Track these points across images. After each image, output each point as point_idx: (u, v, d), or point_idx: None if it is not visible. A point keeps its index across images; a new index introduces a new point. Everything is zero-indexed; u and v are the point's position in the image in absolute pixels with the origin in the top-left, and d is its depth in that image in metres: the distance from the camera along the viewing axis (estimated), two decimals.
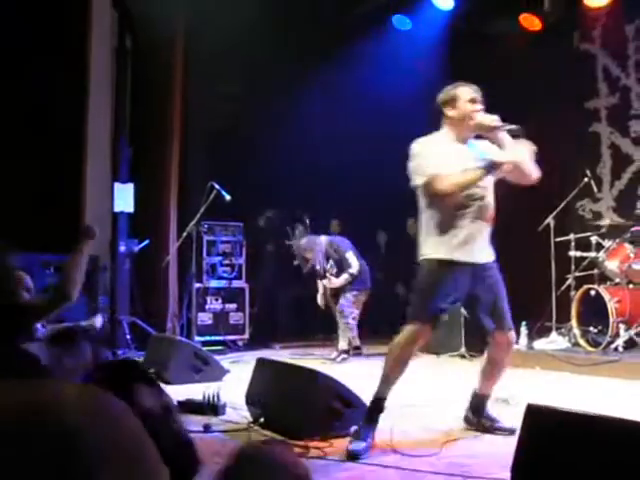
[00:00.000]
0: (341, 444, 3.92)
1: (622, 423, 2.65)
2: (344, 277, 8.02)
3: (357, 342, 8.22)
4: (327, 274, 8.13)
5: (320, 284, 8.30)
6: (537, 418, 2.82)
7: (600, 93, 9.34)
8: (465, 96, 4.33)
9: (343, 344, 8.02)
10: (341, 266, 8.06)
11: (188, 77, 8.98)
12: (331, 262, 8.13)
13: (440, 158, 4.13)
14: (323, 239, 8.25)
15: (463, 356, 8.14)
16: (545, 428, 2.78)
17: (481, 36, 9.23)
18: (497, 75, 9.11)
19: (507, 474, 2.81)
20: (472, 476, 3.39)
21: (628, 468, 2.42)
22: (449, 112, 4.34)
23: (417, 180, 4.23)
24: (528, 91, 9.07)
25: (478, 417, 4.53)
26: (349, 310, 8.05)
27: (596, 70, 9.36)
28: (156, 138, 8.91)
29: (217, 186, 7.88)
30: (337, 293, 8.18)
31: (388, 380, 4.17)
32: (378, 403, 4.09)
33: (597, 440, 2.58)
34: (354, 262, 8.02)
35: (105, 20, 8.56)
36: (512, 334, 4.52)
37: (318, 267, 8.15)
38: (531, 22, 8.92)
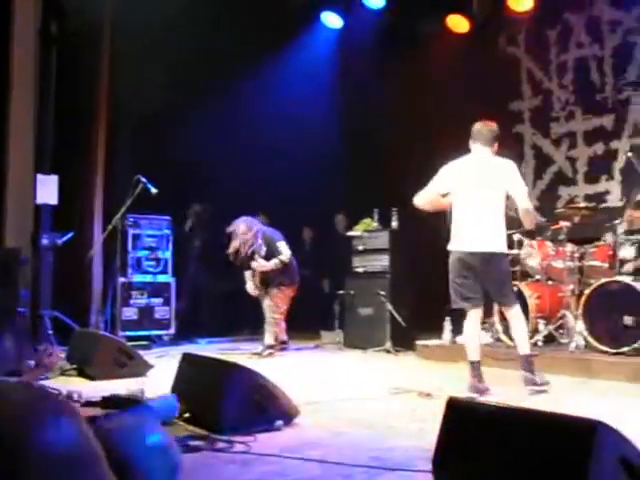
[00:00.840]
0: (265, 438, 3.92)
1: (537, 415, 2.74)
2: (274, 262, 7.96)
3: (284, 337, 8.23)
4: (256, 256, 8.01)
5: (248, 273, 8.21)
6: (457, 411, 2.88)
7: (524, 95, 9.59)
8: None
9: (269, 339, 8.02)
10: (272, 255, 8.02)
11: (115, 67, 8.81)
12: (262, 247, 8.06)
13: None
14: (258, 222, 8.21)
15: (388, 351, 8.24)
16: (465, 421, 2.85)
17: (411, 36, 9.33)
18: (426, 75, 9.27)
19: (429, 466, 2.87)
20: (394, 468, 3.43)
21: (541, 457, 2.50)
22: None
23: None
24: (455, 91, 9.23)
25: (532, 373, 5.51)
26: (277, 305, 8.03)
27: (520, 73, 9.61)
28: (82, 129, 8.71)
29: (144, 179, 7.76)
30: (265, 283, 8.11)
31: None
32: None
33: (514, 431, 2.66)
34: (285, 250, 8.01)
35: (29, 4, 8.31)
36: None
37: (256, 248, 8.00)
38: (459, 24, 9.08)
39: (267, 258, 8.01)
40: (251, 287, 8.20)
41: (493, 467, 2.65)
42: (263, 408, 4.17)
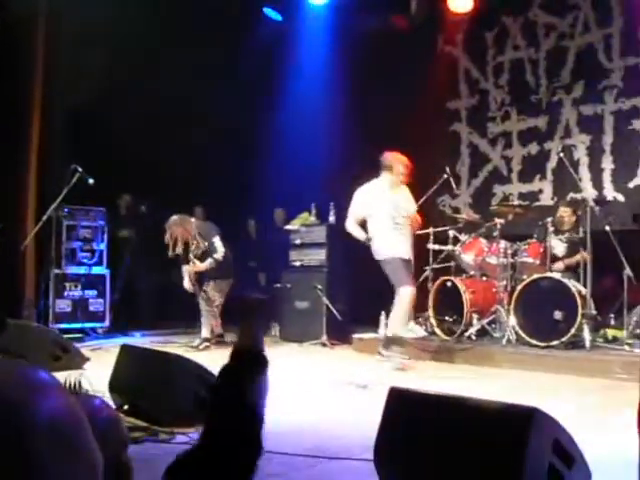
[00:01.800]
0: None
1: (476, 403, 2.82)
2: (209, 261, 7.91)
3: (220, 330, 8.20)
4: (191, 256, 7.97)
5: (184, 268, 8.14)
6: (398, 400, 2.95)
7: (461, 94, 9.78)
8: None
9: (206, 332, 7.99)
10: (206, 251, 7.97)
11: (50, 55, 8.61)
12: (199, 245, 8.00)
13: None
14: (193, 220, 8.14)
15: (324, 344, 8.31)
16: (406, 409, 2.92)
17: (352, 32, 9.40)
18: (363, 72, 9.34)
19: (367, 454, 2.93)
20: (336, 457, 3.49)
21: (480, 443, 2.58)
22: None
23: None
24: (392, 89, 9.33)
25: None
26: (212, 298, 8.02)
27: (458, 72, 9.79)
28: (15, 117, 8.49)
29: (80, 169, 7.63)
30: (200, 279, 8.09)
31: None
32: None
33: (453, 419, 2.74)
34: (220, 248, 7.93)
35: None
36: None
37: (193, 243, 7.94)
38: (400, 22, 9.20)
39: (204, 253, 7.96)
40: (187, 283, 8.13)
41: (433, 454, 2.72)
42: (204, 399, 4.17)
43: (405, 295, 6.74)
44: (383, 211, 6.87)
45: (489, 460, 2.53)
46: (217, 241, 7.98)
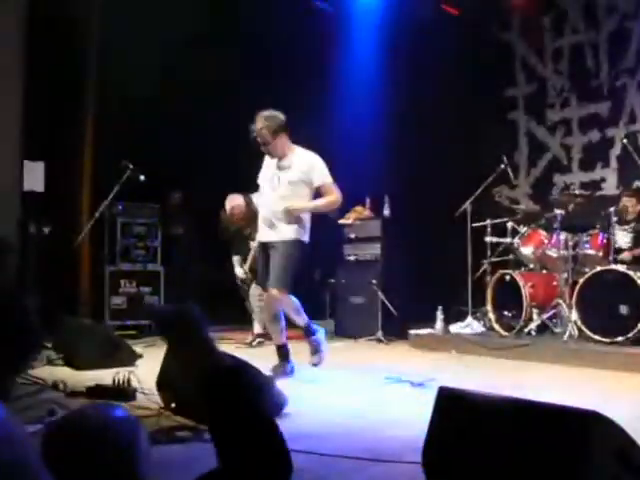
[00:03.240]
0: None
1: (531, 405, 2.65)
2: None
3: None
4: (250, 242, 7.67)
5: (236, 258, 7.97)
6: (448, 401, 2.79)
7: (518, 82, 9.49)
8: None
9: (258, 328, 7.88)
10: None
11: (104, 52, 8.66)
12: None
13: None
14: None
15: (380, 340, 8.17)
16: (456, 410, 2.76)
17: (402, 20, 9.22)
18: (416, 61, 9.15)
19: (418, 457, 2.78)
20: (382, 460, 3.35)
21: (533, 448, 2.41)
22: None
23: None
24: (447, 78, 9.12)
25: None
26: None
27: (514, 59, 9.51)
28: (69, 116, 8.58)
29: (131, 166, 7.63)
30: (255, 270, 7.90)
31: None
32: None
33: (505, 421, 2.58)
34: None
35: None
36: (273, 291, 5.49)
37: (251, 226, 7.46)
38: (453, 9, 8.99)
39: None
40: (241, 272, 7.99)
41: (483, 460, 2.56)
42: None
43: None
44: None
45: (545, 468, 2.36)
46: None
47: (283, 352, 5.81)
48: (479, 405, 2.71)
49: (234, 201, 7.76)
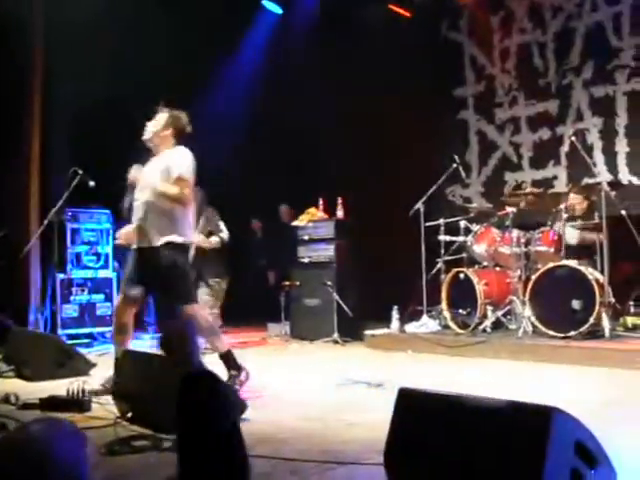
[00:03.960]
0: None
1: (491, 402, 2.65)
2: (215, 239, 7.49)
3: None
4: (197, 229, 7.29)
5: None
6: (408, 401, 2.78)
7: (467, 81, 9.57)
8: None
9: None
10: (212, 234, 7.50)
11: (49, 58, 8.50)
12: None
13: None
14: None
15: (336, 341, 8.15)
16: (417, 411, 2.75)
17: (351, 22, 9.22)
18: (365, 62, 9.17)
19: (381, 458, 2.76)
20: (345, 462, 3.33)
21: (496, 444, 2.42)
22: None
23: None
24: (397, 78, 9.15)
25: None
26: (215, 299, 7.61)
27: (463, 59, 9.58)
28: (16, 122, 8.38)
29: (80, 171, 7.46)
30: (201, 271, 7.41)
31: None
32: None
33: (465, 420, 2.58)
34: (226, 230, 7.57)
35: None
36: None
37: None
38: (401, 9, 9.03)
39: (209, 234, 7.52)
40: None
41: (446, 457, 2.56)
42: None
43: None
44: None
45: (505, 464, 2.36)
46: (223, 225, 7.61)
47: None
48: (440, 405, 2.71)
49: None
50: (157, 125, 5.27)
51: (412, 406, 2.78)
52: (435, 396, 2.80)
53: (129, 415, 4.18)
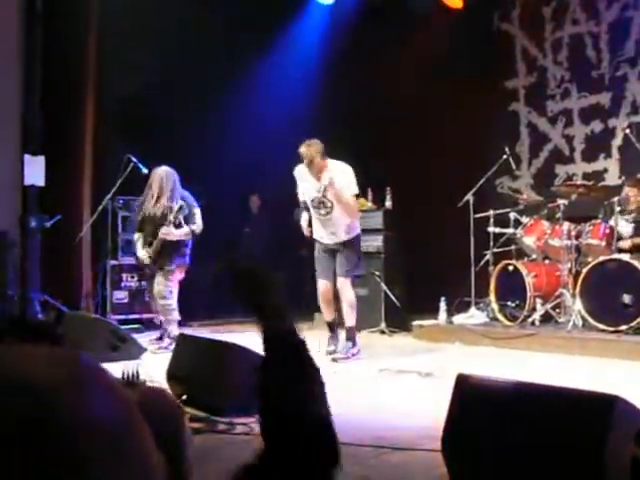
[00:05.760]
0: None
1: (552, 390, 2.66)
2: (185, 230, 6.95)
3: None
4: (170, 218, 6.85)
5: (139, 235, 7.18)
6: (466, 388, 2.80)
7: (518, 73, 9.48)
8: None
9: (173, 328, 7.03)
10: (186, 220, 6.98)
11: (104, 46, 8.64)
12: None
13: None
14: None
15: (383, 332, 8.17)
16: (476, 398, 2.77)
17: (403, 12, 9.19)
18: (419, 54, 9.13)
19: (435, 444, 2.79)
20: (401, 447, 3.36)
21: (557, 432, 2.43)
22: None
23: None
24: (449, 70, 9.10)
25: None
26: (174, 286, 7.10)
27: (515, 50, 9.50)
28: (70, 108, 8.54)
29: (134, 159, 7.58)
30: (162, 256, 7.00)
31: None
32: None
33: (526, 407, 2.59)
34: (199, 222, 7.06)
35: None
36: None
37: (167, 204, 6.87)
38: (453, 0, 8.96)
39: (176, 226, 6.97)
40: (145, 255, 7.06)
41: (506, 444, 2.57)
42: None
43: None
44: None
45: (567, 451, 2.37)
46: (198, 213, 7.09)
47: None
48: (500, 392, 2.72)
49: (160, 170, 7.05)
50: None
51: (470, 392, 2.79)
52: (494, 382, 2.82)
53: (183, 398, 4.26)
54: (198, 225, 7.02)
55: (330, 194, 6.35)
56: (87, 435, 0.71)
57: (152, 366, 5.21)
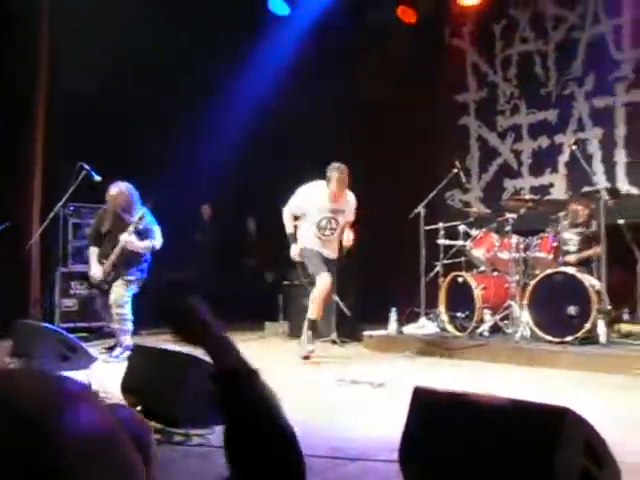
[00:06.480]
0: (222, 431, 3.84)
1: (505, 402, 2.74)
2: (146, 244, 6.98)
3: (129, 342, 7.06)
4: (130, 230, 6.87)
5: (93, 252, 7.14)
6: (424, 400, 2.86)
7: (469, 88, 9.68)
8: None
9: (125, 338, 7.05)
10: (145, 235, 7.01)
11: (55, 50, 8.54)
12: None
13: None
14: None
15: (334, 341, 8.22)
16: (432, 409, 2.83)
17: (357, 26, 9.30)
18: (372, 67, 9.26)
19: (391, 455, 2.84)
20: (356, 458, 3.41)
21: (509, 443, 2.51)
22: None
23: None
24: (401, 83, 9.24)
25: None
26: (123, 298, 7.05)
27: (465, 65, 9.69)
28: (19, 114, 8.42)
29: (86, 167, 7.50)
30: (119, 269, 7.02)
31: None
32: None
33: (481, 418, 2.66)
34: (160, 238, 7.09)
35: None
36: None
37: (127, 219, 6.92)
38: (407, 15, 9.09)
39: (138, 234, 7.01)
40: (98, 270, 7.04)
41: (461, 454, 2.64)
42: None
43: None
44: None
45: (519, 463, 2.45)
46: (159, 231, 7.11)
47: None
48: (455, 404, 2.79)
49: (121, 187, 7.09)
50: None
51: (427, 404, 2.86)
52: (450, 395, 2.89)
53: (138, 409, 4.24)
54: (158, 241, 7.06)
55: (341, 218, 7.15)
56: (75, 453, 0.74)
57: (103, 376, 5.17)
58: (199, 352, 1.50)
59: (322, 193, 7.08)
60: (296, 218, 7.25)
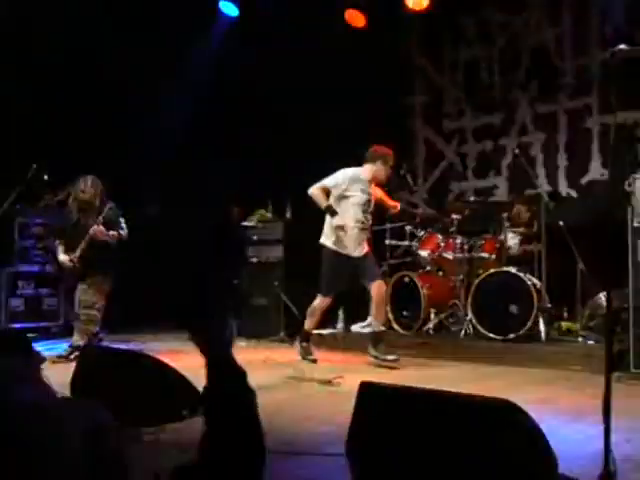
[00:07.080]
0: (172, 428, 3.88)
1: (449, 396, 2.85)
2: (113, 232, 6.95)
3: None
4: (99, 220, 6.85)
5: (59, 245, 7.11)
6: (370, 394, 2.96)
7: (416, 91, 9.84)
8: None
9: (79, 339, 6.89)
10: (112, 226, 6.98)
11: None
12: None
13: None
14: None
15: (283, 340, 8.29)
16: (378, 403, 2.93)
17: (308, 28, 9.34)
18: (319, 69, 9.32)
19: (338, 449, 2.93)
20: (305, 452, 3.49)
21: (452, 436, 2.62)
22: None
23: None
24: (347, 85, 9.32)
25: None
26: (99, 298, 6.99)
27: (413, 69, 9.85)
28: None
29: (35, 165, 7.42)
30: (88, 264, 6.94)
31: None
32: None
33: (425, 412, 2.76)
34: (125, 229, 7.09)
35: None
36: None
37: (94, 208, 6.91)
38: (355, 19, 9.17)
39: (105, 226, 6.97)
40: (66, 258, 6.99)
41: (407, 448, 2.74)
42: (169, 398, 4.12)
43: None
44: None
45: (463, 454, 2.56)
46: (123, 222, 7.13)
47: None
48: (400, 397, 2.89)
49: (87, 180, 7.03)
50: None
51: (373, 399, 2.95)
52: (396, 389, 2.99)
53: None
54: (125, 231, 7.09)
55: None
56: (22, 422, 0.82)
57: (51, 376, 5.14)
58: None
59: (363, 179, 6.87)
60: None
